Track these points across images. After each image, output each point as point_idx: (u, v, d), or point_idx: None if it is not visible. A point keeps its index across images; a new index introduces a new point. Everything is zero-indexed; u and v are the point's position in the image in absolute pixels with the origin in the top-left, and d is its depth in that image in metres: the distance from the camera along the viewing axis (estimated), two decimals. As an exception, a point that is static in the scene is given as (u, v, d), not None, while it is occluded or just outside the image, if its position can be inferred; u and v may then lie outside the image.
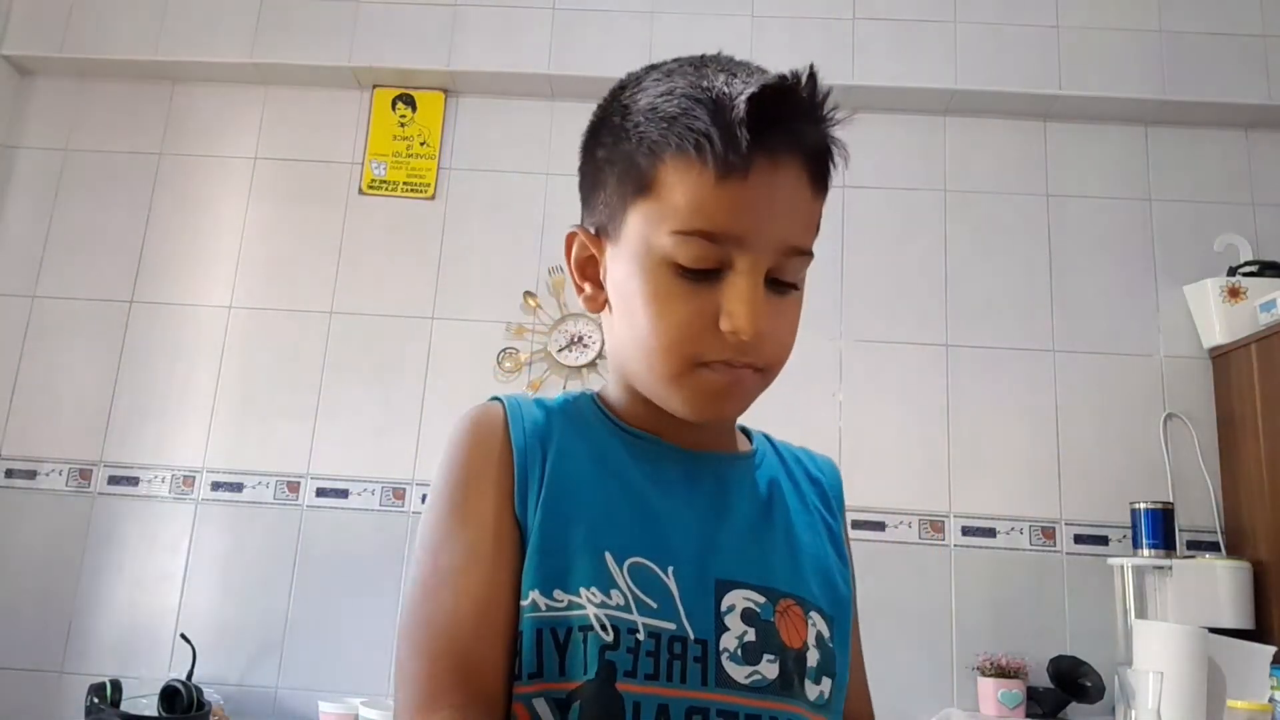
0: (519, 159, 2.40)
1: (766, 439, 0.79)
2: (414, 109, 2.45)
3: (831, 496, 0.78)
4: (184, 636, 2.09)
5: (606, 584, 0.61)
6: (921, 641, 2.11)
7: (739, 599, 0.64)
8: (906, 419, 2.23)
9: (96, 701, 1.88)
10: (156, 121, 2.47)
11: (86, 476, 2.27)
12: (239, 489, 2.25)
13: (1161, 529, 2.00)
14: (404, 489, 2.23)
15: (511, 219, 2.37)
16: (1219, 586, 1.94)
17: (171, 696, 1.89)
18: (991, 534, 2.16)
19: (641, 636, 0.60)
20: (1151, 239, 2.31)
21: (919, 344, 2.27)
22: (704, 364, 0.64)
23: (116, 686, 1.92)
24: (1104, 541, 2.14)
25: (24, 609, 2.20)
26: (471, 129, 2.44)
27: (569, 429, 0.69)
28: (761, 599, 0.65)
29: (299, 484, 2.25)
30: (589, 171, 0.70)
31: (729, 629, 0.63)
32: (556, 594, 0.61)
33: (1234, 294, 2.14)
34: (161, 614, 2.19)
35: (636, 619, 0.61)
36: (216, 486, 2.26)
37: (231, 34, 2.43)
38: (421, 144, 2.42)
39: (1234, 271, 2.18)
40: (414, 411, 2.28)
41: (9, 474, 2.28)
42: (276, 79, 2.46)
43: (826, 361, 2.26)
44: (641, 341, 0.65)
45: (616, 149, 0.66)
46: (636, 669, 0.60)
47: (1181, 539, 2.10)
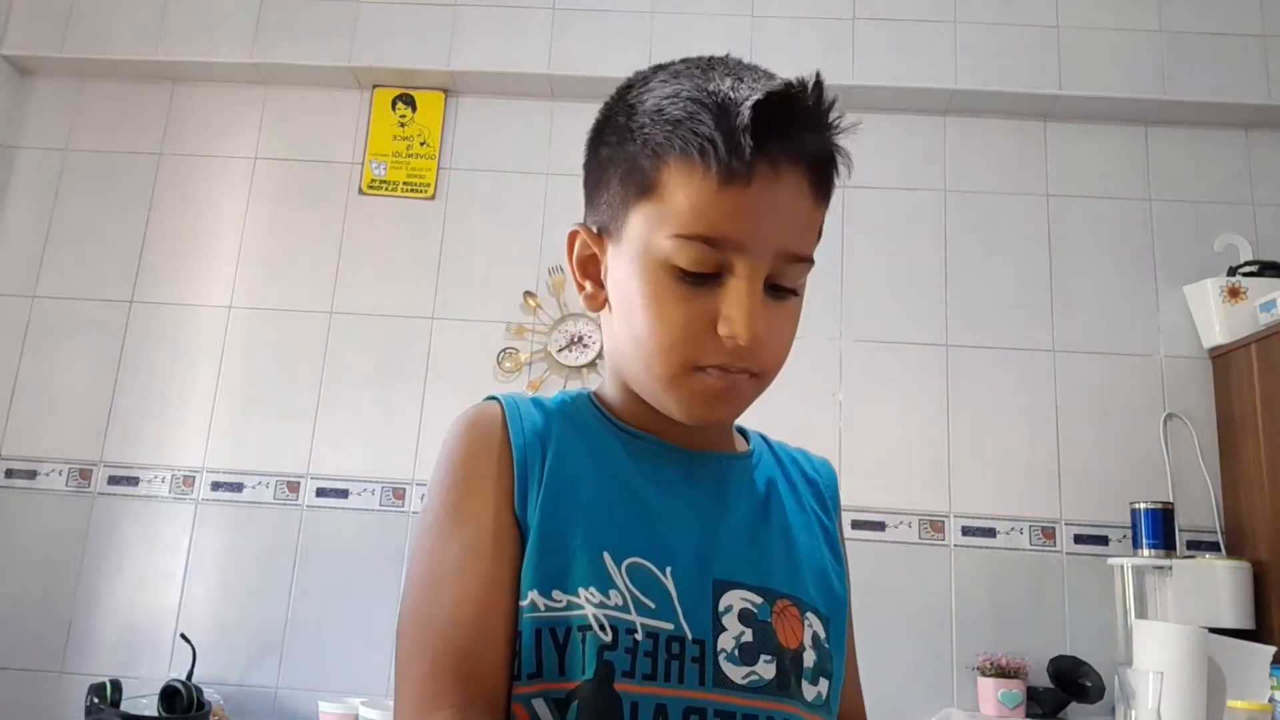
0: (519, 159, 2.40)
1: (763, 439, 0.79)
2: (414, 109, 2.45)
3: (828, 497, 0.78)
4: (184, 636, 2.09)
5: (605, 584, 0.61)
6: (921, 641, 2.11)
7: (736, 599, 0.64)
8: (906, 419, 2.23)
9: (96, 701, 1.88)
10: (156, 121, 2.48)
11: (86, 476, 2.27)
12: (239, 489, 2.25)
13: (1161, 529, 2.01)
14: (404, 489, 2.23)
15: (511, 219, 2.37)
16: (1219, 586, 1.94)
17: (171, 696, 1.89)
18: (991, 534, 2.16)
19: (640, 637, 0.60)
20: (1151, 239, 2.31)
21: (919, 344, 2.27)
22: (700, 368, 0.64)
23: (116, 686, 1.92)
24: (1104, 541, 2.14)
25: (24, 609, 2.20)
26: (471, 129, 2.44)
27: (567, 429, 0.69)
28: (759, 599, 0.65)
29: (299, 484, 2.25)
30: (593, 169, 0.70)
31: (726, 629, 0.63)
32: (555, 594, 0.61)
33: (1234, 294, 2.14)
34: (161, 614, 2.19)
35: (635, 619, 0.61)
36: (216, 486, 2.26)
37: (231, 34, 2.43)
38: (421, 144, 2.42)
39: (1234, 271, 2.18)
40: (414, 411, 2.28)
41: (9, 474, 2.28)
42: (276, 79, 2.46)
43: (826, 361, 2.26)
44: (639, 342, 0.65)
45: (621, 149, 0.66)
46: (634, 669, 0.60)
47: (1181, 539, 2.10)
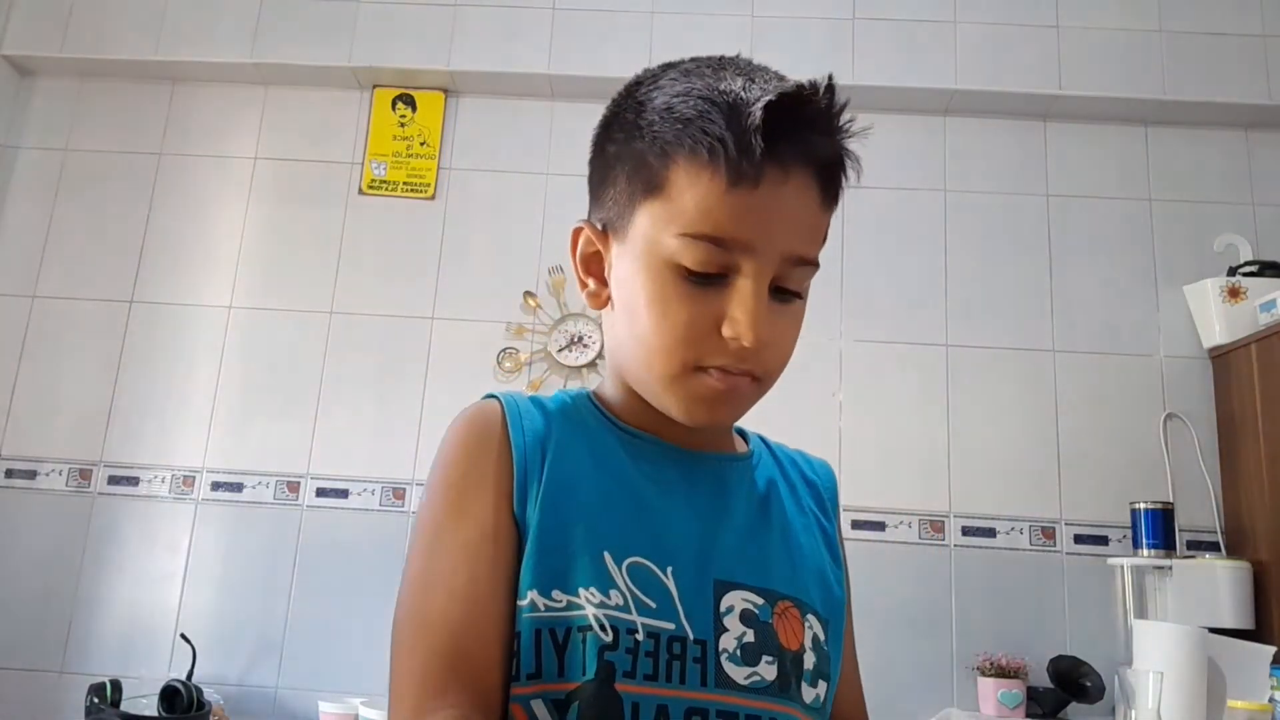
0: (519, 159, 2.40)
1: (762, 440, 0.79)
2: (414, 109, 2.45)
3: (827, 499, 0.78)
4: (184, 636, 2.09)
5: (606, 584, 0.61)
6: (921, 641, 2.11)
7: (738, 600, 0.64)
8: (907, 419, 2.23)
9: (96, 701, 1.88)
10: (156, 121, 2.47)
11: (86, 476, 2.27)
12: (239, 489, 2.25)
13: (1161, 529, 2.01)
14: (404, 489, 2.23)
15: (511, 219, 2.37)
16: (1219, 586, 1.94)
17: (171, 696, 1.89)
18: (991, 534, 2.16)
19: (640, 637, 0.60)
20: (1151, 239, 2.31)
21: (919, 344, 2.27)
22: (701, 368, 0.63)
23: (116, 686, 1.92)
24: (1104, 541, 2.14)
25: (24, 609, 2.20)
26: (471, 129, 2.44)
27: (567, 428, 0.69)
28: (760, 600, 0.65)
29: (299, 484, 2.25)
30: (599, 166, 0.69)
31: (728, 629, 0.63)
32: (555, 594, 0.61)
33: (1234, 294, 2.14)
34: (161, 614, 2.19)
35: (635, 619, 0.60)
36: (216, 486, 2.26)
37: (231, 34, 2.43)
38: (421, 144, 2.42)
39: (1234, 271, 2.18)
40: (414, 411, 2.28)
41: (9, 474, 2.28)
42: (276, 79, 2.46)
43: (826, 361, 2.26)
44: (642, 341, 0.65)
45: (629, 146, 0.65)
46: (635, 669, 0.59)
47: (1181, 539, 2.10)
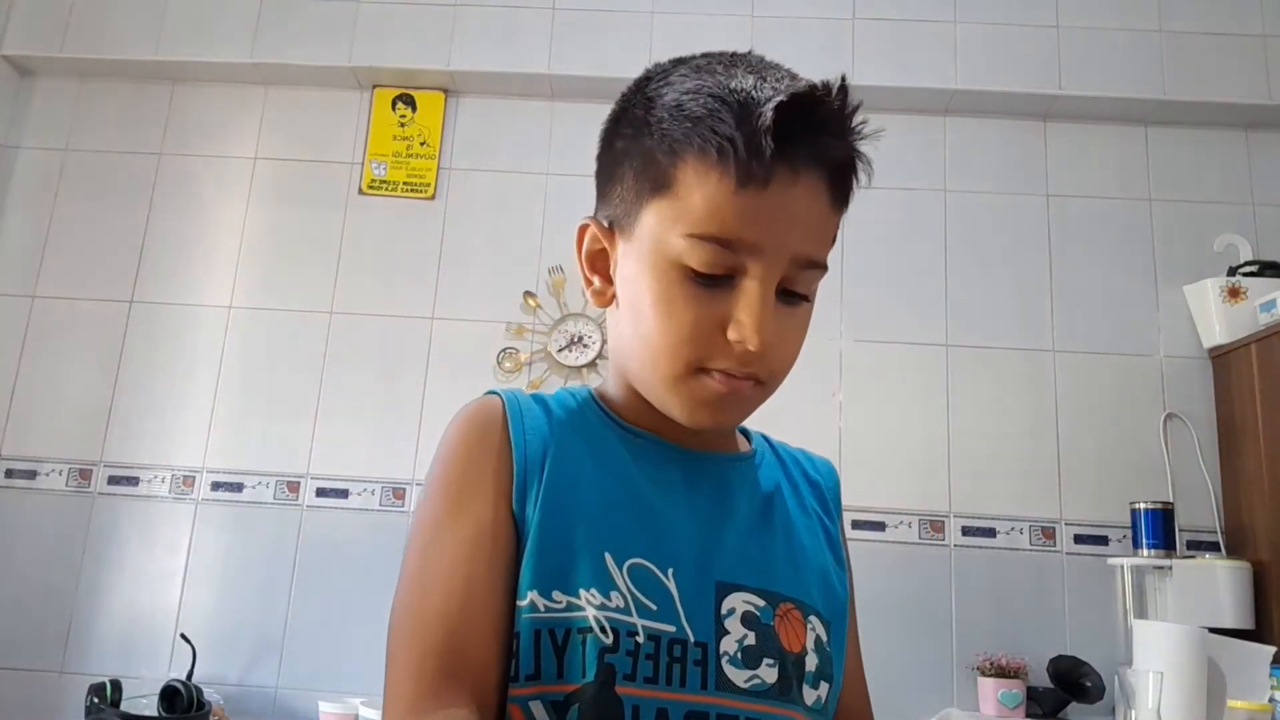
0: (519, 159, 2.40)
1: (765, 440, 0.79)
2: (414, 109, 2.44)
3: (829, 499, 0.78)
4: (184, 636, 2.09)
5: (606, 585, 0.61)
6: (921, 641, 2.11)
7: (739, 602, 0.64)
8: (906, 419, 2.23)
9: (96, 701, 1.88)
10: (156, 121, 2.47)
11: (86, 476, 2.27)
12: (239, 489, 2.25)
13: (1161, 529, 2.01)
14: (404, 489, 2.23)
15: (511, 219, 2.37)
16: (1219, 586, 1.94)
17: (171, 696, 1.89)
18: (991, 534, 2.16)
19: (641, 639, 0.60)
20: (1151, 239, 2.31)
21: (919, 344, 2.27)
22: (705, 370, 0.63)
23: (116, 686, 1.92)
24: (1104, 541, 2.14)
25: (24, 609, 2.20)
26: (471, 129, 2.44)
27: (569, 427, 0.68)
28: (761, 602, 0.65)
29: (299, 484, 2.25)
30: (607, 161, 0.68)
31: (729, 632, 0.62)
32: (555, 595, 0.60)
33: (1234, 294, 2.14)
34: (161, 614, 2.19)
35: (636, 621, 0.60)
36: (216, 486, 2.25)
37: (231, 34, 2.43)
38: (421, 144, 2.42)
39: (1234, 271, 2.18)
40: (414, 411, 2.28)
41: (9, 474, 2.28)
42: (276, 79, 2.46)
43: (826, 361, 2.26)
44: (645, 341, 0.64)
45: (637, 143, 0.64)
46: (636, 672, 0.59)
47: (1181, 539, 2.10)
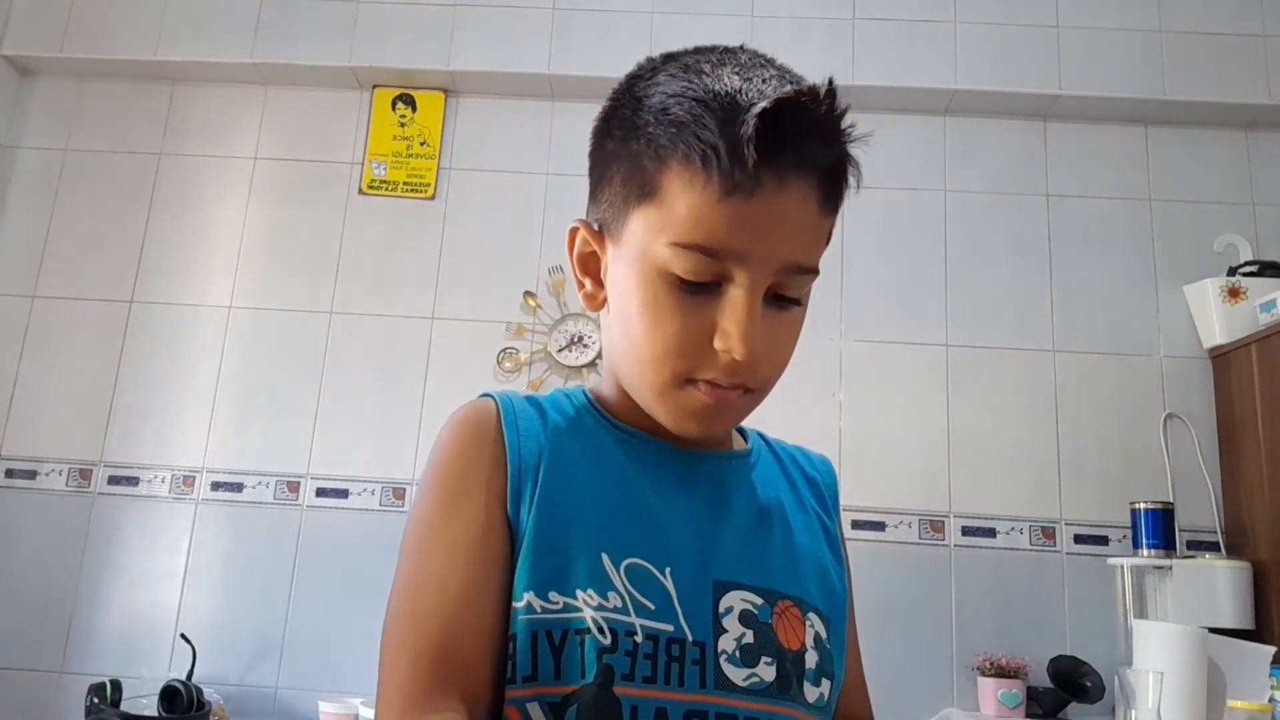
0: (519, 159, 2.40)
1: (761, 437, 0.78)
2: (414, 109, 2.44)
3: (827, 496, 0.77)
4: (184, 636, 2.09)
5: (604, 586, 0.60)
6: (921, 641, 2.11)
7: (737, 600, 0.64)
8: (906, 419, 2.23)
9: (96, 701, 1.88)
10: (156, 121, 2.47)
11: (86, 476, 2.27)
12: (239, 489, 2.25)
13: (1161, 529, 2.01)
14: (404, 489, 2.23)
15: (511, 219, 2.37)
16: (1219, 586, 1.94)
17: (171, 696, 1.89)
18: (991, 534, 2.16)
19: (639, 639, 0.60)
20: (1151, 239, 2.31)
21: (919, 344, 2.27)
22: (692, 381, 0.62)
23: (116, 686, 1.92)
24: (1104, 541, 2.14)
25: (24, 609, 2.20)
26: (471, 129, 2.44)
27: (564, 427, 0.68)
28: (759, 600, 0.65)
29: (299, 484, 2.25)
30: (597, 161, 0.68)
31: (727, 631, 0.62)
32: (552, 596, 0.60)
33: (1234, 294, 2.14)
34: (161, 614, 2.19)
35: (634, 621, 0.60)
36: (216, 486, 2.26)
37: (231, 34, 2.43)
38: (421, 144, 2.42)
39: (1234, 271, 2.18)
40: (414, 411, 2.28)
41: (9, 474, 2.28)
42: (277, 79, 2.46)
43: (826, 361, 2.26)
44: (634, 349, 0.64)
45: (625, 145, 0.63)
46: (634, 672, 0.59)
47: (1181, 539, 2.10)
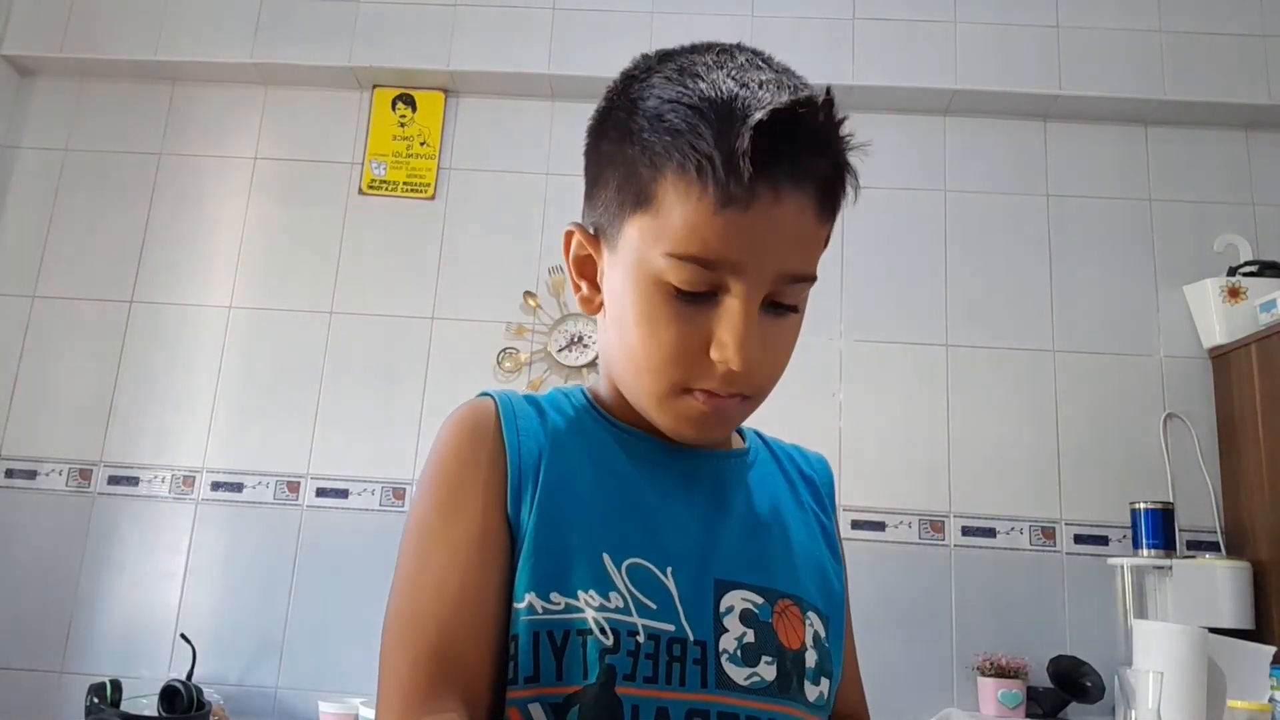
0: (519, 159, 2.40)
1: (758, 436, 0.79)
2: (414, 109, 2.44)
3: (824, 494, 0.78)
4: (184, 636, 2.09)
5: (605, 586, 0.60)
6: (921, 641, 2.11)
7: (737, 599, 0.64)
8: (906, 419, 2.23)
9: (96, 701, 1.88)
10: (156, 121, 2.47)
11: (86, 476, 2.27)
12: (239, 489, 2.25)
13: (1161, 529, 2.01)
14: (404, 489, 2.23)
15: (511, 219, 2.37)
16: (1219, 586, 1.94)
17: (171, 696, 1.89)
18: (991, 534, 2.16)
19: (641, 639, 0.60)
20: (1151, 239, 2.31)
21: (919, 344, 2.27)
22: (689, 390, 0.62)
23: (116, 686, 1.92)
24: (1104, 541, 2.14)
25: (24, 609, 2.20)
26: (471, 129, 2.44)
27: (564, 427, 0.68)
28: (760, 599, 0.65)
29: (299, 484, 2.25)
30: (593, 163, 0.67)
31: (728, 630, 0.62)
32: (554, 596, 0.60)
33: (1234, 294, 2.14)
34: (161, 614, 2.19)
35: (636, 621, 0.60)
36: (216, 486, 2.25)
37: (231, 34, 2.43)
38: (421, 144, 2.42)
39: (1234, 271, 2.18)
40: (414, 411, 2.28)
41: (9, 474, 2.28)
42: (277, 79, 2.46)
43: (826, 361, 2.26)
44: (631, 356, 0.64)
45: (620, 150, 0.62)
46: (635, 672, 0.59)
47: (1181, 539, 2.10)
